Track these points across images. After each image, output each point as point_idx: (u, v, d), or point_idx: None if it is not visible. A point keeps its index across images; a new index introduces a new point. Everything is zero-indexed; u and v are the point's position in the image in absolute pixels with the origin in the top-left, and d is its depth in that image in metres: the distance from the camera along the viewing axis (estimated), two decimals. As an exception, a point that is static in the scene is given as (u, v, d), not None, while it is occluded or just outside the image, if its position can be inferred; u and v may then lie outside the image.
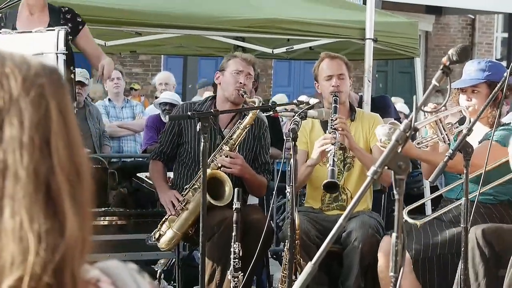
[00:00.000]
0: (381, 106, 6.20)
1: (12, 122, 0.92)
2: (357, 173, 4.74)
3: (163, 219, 4.61)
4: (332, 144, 4.31)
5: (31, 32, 4.24)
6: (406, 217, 4.09)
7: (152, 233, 4.63)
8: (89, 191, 0.97)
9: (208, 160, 4.51)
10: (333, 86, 4.67)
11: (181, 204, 4.55)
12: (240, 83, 4.68)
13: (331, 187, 4.20)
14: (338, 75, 4.72)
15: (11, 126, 0.92)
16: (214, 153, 4.58)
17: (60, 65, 4.11)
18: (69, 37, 4.31)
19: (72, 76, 4.30)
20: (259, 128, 4.84)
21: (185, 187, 4.63)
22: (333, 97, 4.62)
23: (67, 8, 4.58)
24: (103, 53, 4.69)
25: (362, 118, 4.86)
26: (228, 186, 4.47)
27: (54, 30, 4.20)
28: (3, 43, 4.19)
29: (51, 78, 0.97)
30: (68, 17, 4.55)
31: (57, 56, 4.10)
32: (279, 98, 9.83)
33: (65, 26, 4.31)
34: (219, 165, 4.54)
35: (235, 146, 4.59)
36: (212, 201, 4.36)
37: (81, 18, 4.59)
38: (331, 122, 4.43)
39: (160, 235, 4.59)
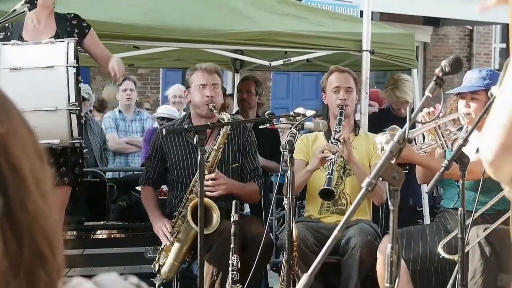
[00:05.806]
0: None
1: None
2: (356, 179, 4.76)
3: (160, 249, 4.60)
4: (333, 154, 4.36)
5: (40, 43, 4.21)
6: (441, 252, 4.05)
7: (152, 265, 4.62)
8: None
9: (190, 186, 4.50)
10: (340, 99, 4.79)
11: (172, 235, 4.51)
12: (207, 96, 4.62)
13: (327, 194, 4.29)
14: (346, 88, 4.84)
15: None
16: (194, 177, 4.48)
17: (71, 78, 4.07)
18: (78, 47, 4.27)
19: (80, 86, 4.27)
20: (241, 135, 4.76)
21: (174, 215, 4.59)
22: (339, 110, 4.72)
23: (72, 15, 4.54)
24: (111, 55, 4.63)
25: (366, 136, 4.96)
26: (216, 214, 4.37)
27: (64, 41, 4.17)
28: (14, 54, 4.15)
29: None
30: (74, 23, 4.52)
31: (67, 69, 4.08)
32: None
33: (74, 38, 4.27)
34: None
35: (212, 168, 4.49)
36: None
37: (86, 23, 4.56)
38: (334, 133, 4.52)
39: (160, 266, 4.58)
